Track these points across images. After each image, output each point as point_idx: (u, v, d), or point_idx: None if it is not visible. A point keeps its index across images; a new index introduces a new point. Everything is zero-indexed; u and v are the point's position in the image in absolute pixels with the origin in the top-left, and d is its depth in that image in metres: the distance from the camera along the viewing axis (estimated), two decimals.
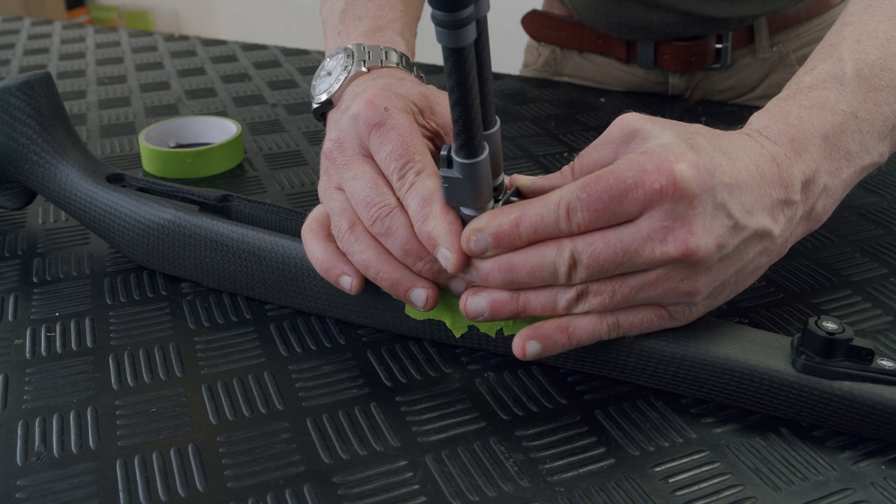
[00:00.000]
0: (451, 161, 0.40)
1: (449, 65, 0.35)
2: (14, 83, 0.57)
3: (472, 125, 0.38)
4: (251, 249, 0.51)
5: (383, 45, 0.54)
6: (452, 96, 0.37)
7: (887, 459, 0.41)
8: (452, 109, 0.37)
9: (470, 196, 0.41)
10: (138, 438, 0.42)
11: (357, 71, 0.52)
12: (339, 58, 0.54)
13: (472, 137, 0.38)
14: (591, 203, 0.39)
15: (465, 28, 0.34)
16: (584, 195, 0.39)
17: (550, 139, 0.81)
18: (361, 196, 0.45)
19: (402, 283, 0.44)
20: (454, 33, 0.34)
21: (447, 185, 0.41)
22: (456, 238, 0.42)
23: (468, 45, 0.35)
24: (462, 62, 0.35)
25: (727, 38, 0.88)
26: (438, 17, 0.33)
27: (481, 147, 0.39)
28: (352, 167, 0.46)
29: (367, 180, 0.45)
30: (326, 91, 0.53)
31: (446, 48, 0.35)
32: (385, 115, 0.46)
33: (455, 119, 0.38)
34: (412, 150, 0.45)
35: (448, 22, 0.33)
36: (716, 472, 0.40)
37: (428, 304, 0.45)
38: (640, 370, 0.45)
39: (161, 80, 1.01)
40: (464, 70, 0.35)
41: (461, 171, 0.40)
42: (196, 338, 0.50)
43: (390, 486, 0.39)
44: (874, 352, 0.41)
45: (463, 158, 0.39)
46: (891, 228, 0.63)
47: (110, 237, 0.57)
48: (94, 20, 3.69)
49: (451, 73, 0.36)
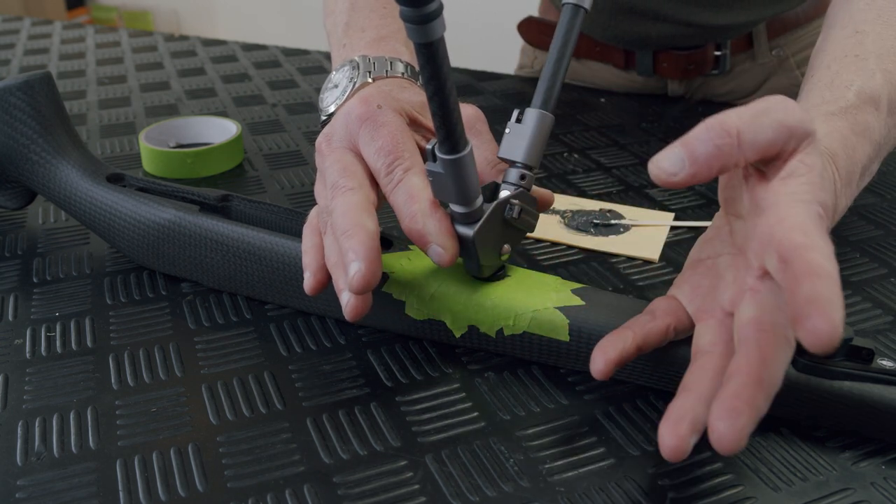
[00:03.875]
0: (434, 156, 0.41)
1: (421, 59, 0.36)
2: (14, 83, 0.57)
3: (450, 118, 0.39)
4: (251, 249, 0.51)
5: (388, 56, 0.55)
6: (428, 90, 0.38)
7: (887, 459, 0.41)
8: (429, 103, 0.38)
9: (454, 191, 0.42)
10: (138, 438, 0.42)
11: (363, 82, 0.53)
12: (345, 70, 0.54)
13: (451, 131, 0.39)
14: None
15: (432, 22, 0.35)
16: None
17: (550, 139, 0.81)
18: (329, 180, 0.45)
19: (338, 283, 0.44)
20: (422, 28, 0.35)
21: (433, 179, 0.42)
22: (446, 234, 0.43)
23: (437, 39, 0.35)
24: (433, 56, 0.36)
25: (726, 45, 0.88)
26: (405, 13, 0.34)
27: (462, 142, 0.40)
28: (332, 156, 0.47)
29: (339, 166, 0.46)
30: (334, 103, 0.54)
31: (417, 43, 0.36)
32: (377, 113, 0.46)
33: (433, 113, 0.39)
34: (401, 148, 0.45)
35: (415, 17, 0.34)
36: (716, 472, 0.40)
37: (348, 311, 0.43)
38: (640, 371, 0.45)
39: (161, 80, 1.01)
40: (435, 63, 0.36)
41: (443, 167, 0.41)
42: (196, 338, 0.50)
43: (390, 486, 0.39)
44: (874, 352, 0.41)
45: (444, 154, 0.40)
46: (891, 228, 0.63)
47: (110, 237, 0.57)
48: (94, 20, 3.68)
49: (424, 67, 0.37)
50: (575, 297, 0.46)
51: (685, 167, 0.37)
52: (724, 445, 0.33)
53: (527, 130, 0.46)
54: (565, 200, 0.67)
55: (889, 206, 0.67)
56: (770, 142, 0.38)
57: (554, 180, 0.72)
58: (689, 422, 0.35)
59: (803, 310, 0.32)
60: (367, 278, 0.41)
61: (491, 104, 0.90)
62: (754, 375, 0.35)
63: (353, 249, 0.41)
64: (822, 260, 0.34)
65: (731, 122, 0.37)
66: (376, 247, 0.42)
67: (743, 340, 0.37)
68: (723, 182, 0.44)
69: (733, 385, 0.35)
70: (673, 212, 0.66)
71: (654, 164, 0.38)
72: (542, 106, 0.46)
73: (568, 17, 0.47)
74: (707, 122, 0.38)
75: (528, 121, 0.46)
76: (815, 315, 0.32)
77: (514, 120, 0.46)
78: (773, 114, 0.38)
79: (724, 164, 0.38)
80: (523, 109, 0.46)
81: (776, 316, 0.37)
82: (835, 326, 0.31)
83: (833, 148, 0.45)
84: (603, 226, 0.63)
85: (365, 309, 0.43)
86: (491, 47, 0.61)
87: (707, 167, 0.37)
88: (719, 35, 0.86)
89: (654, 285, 0.56)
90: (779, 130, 0.38)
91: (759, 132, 0.38)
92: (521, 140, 0.46)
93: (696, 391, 0.37)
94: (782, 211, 0.37)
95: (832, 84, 0.49)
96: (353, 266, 0.41)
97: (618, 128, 0.84)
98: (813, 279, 0.33)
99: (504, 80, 0.99)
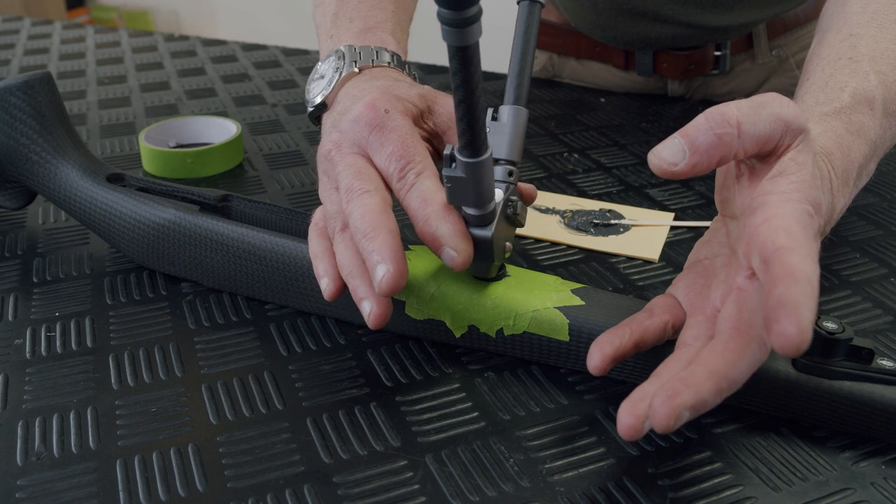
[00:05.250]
0: (454, 160, 0.40)
1: (454, 63, 0.35)
2: (14, 83, 0.57)
3: (476, 124, 0.38)
4: (251, 249, 0.51)
5: (374, 45, 0.55)
6: (457, 95, 0.37)
7: (887, 459, 0.41)
8: (456, 108, 0.37)
9: (472, 195, 0.41)
10: (138, 438, 0.42)
11: (349, 72, 0.53)
12: (330, 60, 0.54)
13: (475, 136, 0.39)
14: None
15: (471, 26, 0.34)
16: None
17: (550, 139, 0.81)
18: (344, 184, 0.45)
19: (357, 292, 0.44)
20: (460, 31, 0.34)
21: (450, 184, 0.41)
22: (460, 237, 0.42)
23: (474, 44, 0.35)
24: (468, 61, 0.35)
25: (726, 46, 0.88)
26: (444, 15, 0.33)
27: (485, 146, 0.40)
28: (344, 161, 0.47)
29: (353, 170, 0.45)
30: (321, 94, 0.54)
31: (452, 46, 0.35)
32: (385, 118, 0.46)
33: (459, 118, 0.38)
34: (412, 152, 0.45)
35: (454, 20, 0.33)
36: (716, 472, 0.40)
37: (371, 320, 0.43)
38: (640, 370, 0.45)
39: (161, 80, 1.01)
40: (469, 68, 0.35)
41: (464, 171, 0.40)
42: (196, 338, 0.50)
43: (390, 486, 0.39)
44: (874, 352, 0.41)
45: (466, 157, 0.40)
46: (891, 228, 0.63)
47: (110, 237, 0.57)
48: (95, 20, 3.68)
49: (457, 71, 0.36)
50: (575, 297, 0.46)
51: (686, 157, 0.37)
52: (655, 421, 0.34)
53: (505, 127, 0.46)
54: (565, 200, 0.67)
55: (889, 206, 0.67)
56: (768, 134, 0.38)
57: (554, 180, 0.72)
58: (648, 404, 0.35)
59: (774, 312, 0.32)
60: (396, 279, 0.41)
61: (490, 104, 0.90)
62: (709, 366, 0.35)
63: (377, 251, 0.41)
64: (801, 263, 0.34)
65: (731, 113, 0.38)
66: (401, 247, 0.42)
67: (716, 335, 0.38)
68: (719, 183, 0.44)
69: (687, 371, 0.35)
70: (673, 212, 0.66)
71: (655, 154, 0.38)
72: (514, 101, 0.47)
73: (525, 12, 0.48)
74: (707, 112, 0.38)
75: (505, 118, 0.46)
76: (784, 319, 0.32)
77: (490, 118, 0.47)
78: (770, 107, 0.38)
79: (724, 154, 0.38)
80: (497, 107, 0.47)
81: (755, 317, 0.37)
82: (802, 331, 0.32)
83: (828, 147, 0.45)
84: (603, 226, 0.63)
85: (388, 317, 0.43)
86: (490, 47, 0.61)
87: (707, 157, 0.38)
88: (719, 36, 0.86)
89: (654, 285, 0.56)
90: (776, 123, 0.38)
91: (758, 123, 0.38)
92: (501, 137, 0.46)
93: (663, 378, 0.38)
94: (770, 210, 0.37)
95: (826, 86, 0.49)
96: (380, 268, 0.41)
97: (618, 128, 0.84)
98: (788, 282, 0.33)
99: (503, 80, 0.99)
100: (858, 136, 0.47)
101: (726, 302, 0.39)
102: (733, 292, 0.39)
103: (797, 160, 0.39)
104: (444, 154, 0.40)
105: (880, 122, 0.48)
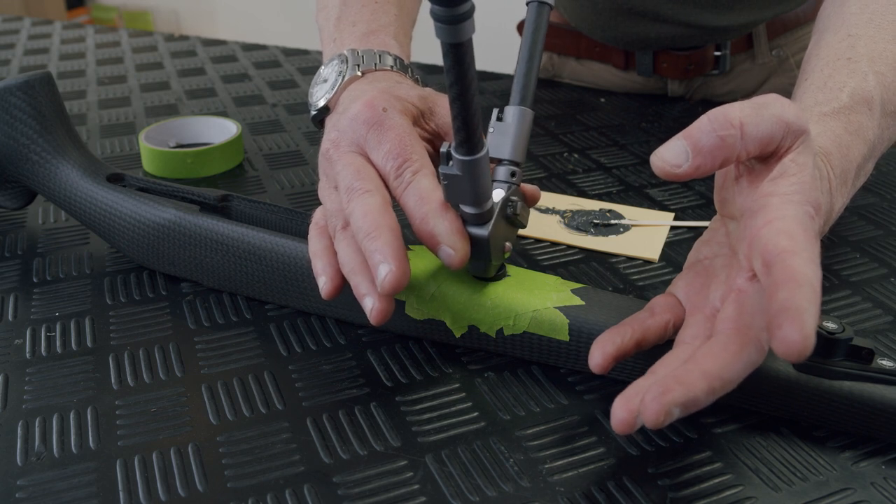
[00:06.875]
0: (450, 158, 0.40)
1: (448, 60, 0.36)
2: (14, 83, 0.57)
3: (471, 121, 0.38)
4: (251, 249, 0.51)
5: (377, 49, 0.55)
6: (451, 92, 0.37)
7: (887, 459, 0.41)
8: (451, 105, 0.37)
9: (469, 193, 0.41)
10: (138, 438, 0.42)
11: (352, 75, 0.53)
12: (333, 64, 0.54)
13: (471, 134, 0.39)
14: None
15: (464, 23, 0.34)
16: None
17: (550, 139, 0.81)
18: (343, 184, 0.45)
19: (359, 289, 0.44)
20: (453, 28, 0.34)
21: (447, 182, 0.41)
22: (457, 235, 0.42)
23: (467, 41, 0.35)
24: (461, 58, 0.35)
25: (726, 46, 0.88)
26: (437, 12, 0.33)
27: (481, 144, 0.40)
28: (343, 160, 0.46)
29: (352, 169, 0.45)
30: (324, 97, 0.54)
31: (445, 43, 0.35)
32: (383, 116, 0.46)
33: (454, 115, 0.38)
34: (409, 150, 0.45)
35: (447, 17, 0.34)
36: (716, 472, 0.40)
37: (374, 315, 0.42)
38: (640, 370, 0.45)
39: (161, 80, 1.01)
40: (463, 66, 0.36)
41: (461, 168, 0.40)
42: (196, 338, 0.50)
43: (390, 486, 0.39)
44: (874, 352, 0.41)
45: (462, 155, 0.40)
46: (891, 228, 0.63)
47: (110, 237, 0.57)
48: (95, 20, 3.68)
49: (451, 69, 0.36)
50: (575, 296, 0.46)
51: (689, 159, 0.37)
52: (646, 416, 0.34)
53: (510, 128, 0.46)
54: (565, 200, 0.67)
55: (889, 206, 0.67)
56: (769, 136, 0.38)
57: (554, 180, 0.72)
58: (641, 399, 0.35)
59: (777, 318, 0.32)
60: (399, 278, 0.41)
61: (491, 104, 0.90)
62: (704, 365, 0.35)
63: (379, 251, 0.41)
64: (804, 267, 0.34)
65: (734, 114, 0.38)
66: (402, 246, 0.42)
67: (715, 335, 0.38)
68: (718, 183, 0.44)
69: (681, 369, 0.35)
70: (673, 212, 0.66)
71: (658, 156, 0.38)
72: (520, 102, 0.47)
73: (534, 14, 0.47)
74: (710, 114, 0.38)
75: (510, 118, 0.46)
76: (787, 324, 0.32)
77: (496, 119, 0.47)
78: (771, 108, 0.38)
79: (727, 155, 0.38)
80: (503, 108, 0.47)
81: (754, 319, 0.37)
82: (805, 336, 0.31)
83: (827, 147, 0.45)
84: (603, 226, 0.63)
85: (390, 313, 0.43)
86: (491, 47, 0.62)
87: (711, 158, 0.37)
88: (719, 36, 0.86)
89: (654, 285, 0.56)
90: (777, 125, 0.38)
91: (760, 124, 0.38)
92: (505, 138, 0.46)
93: (659, 374, 0.38)
94: (771, 213, 0.37)
95: (825, 86, 0.49)
96: (382, 267, 0.41)
97: (618, 128, 0.84)
98: (791, 286, 0.33)
99: (504, 80, 0.99)
100: (857, 137, 0.47)
101: (726, 302, 0.39)
102: (733, 293, 0.39)
103: (798, 161, 0.39)
104: (441, 151, 0.40)
105: (878, 122, 0.48)
